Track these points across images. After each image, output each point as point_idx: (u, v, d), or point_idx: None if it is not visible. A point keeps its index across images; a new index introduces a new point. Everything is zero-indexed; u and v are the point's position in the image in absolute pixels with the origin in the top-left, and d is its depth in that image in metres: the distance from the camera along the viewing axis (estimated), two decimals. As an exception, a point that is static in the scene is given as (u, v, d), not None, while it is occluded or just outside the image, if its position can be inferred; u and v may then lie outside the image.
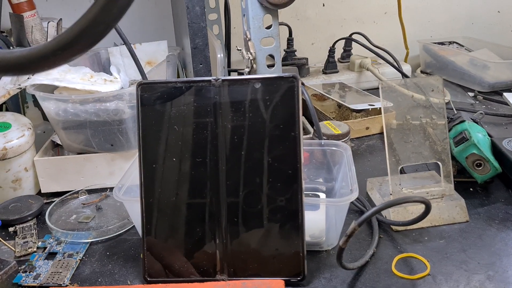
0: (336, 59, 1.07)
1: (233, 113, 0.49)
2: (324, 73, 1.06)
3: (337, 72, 1.06)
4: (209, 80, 0.50)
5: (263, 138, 0.49)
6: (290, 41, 1.06)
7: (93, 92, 0.63)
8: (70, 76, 0.66)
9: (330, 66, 1.05)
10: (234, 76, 0.69)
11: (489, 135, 0.67)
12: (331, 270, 0.51)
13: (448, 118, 0.66)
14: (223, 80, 0.50)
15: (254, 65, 0.61)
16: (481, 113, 0.74)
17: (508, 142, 0.64)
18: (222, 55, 0.72)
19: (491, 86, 1.00)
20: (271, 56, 0.74)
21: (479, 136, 0.63)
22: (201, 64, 0.61)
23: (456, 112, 0.76)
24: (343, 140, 0.69)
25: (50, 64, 0.36)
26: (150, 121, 0.50)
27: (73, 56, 0.37)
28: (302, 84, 0.66)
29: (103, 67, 0.82)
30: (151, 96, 0.50)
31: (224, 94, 0.49)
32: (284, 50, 1.06)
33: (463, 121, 0.66)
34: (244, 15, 0.66)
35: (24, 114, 0.72)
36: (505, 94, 0.96)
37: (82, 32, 0.32)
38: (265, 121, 0.49)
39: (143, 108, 0.50)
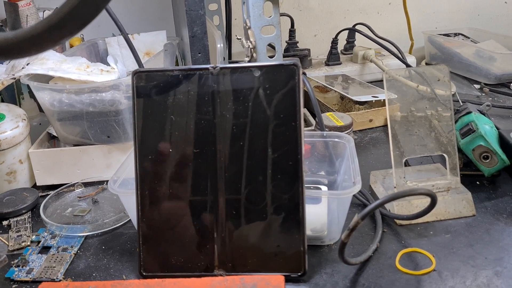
0: (339, 51, 1.05)
1: (232, 102, 0.48)
2: (327, 65, 1.04)
3: (340, 64, 1.04)
4: (207, 68, 0.48)
5: (263, 128, 0.47)
6: (292, 32, 1.04)
7: (89, 82, 0.61)
8: (66, 66, 0.64)
9: (332, 58, 1.03)
10: (233, 63, 0.68)
11: (496, 127, 0.65)
12: (332, 265, 0.49)
13: (454, 109, 0.64)
14: (222, 68, 0.48)
15: (254, 54, 0.59)
16: (488, 105, 0.72)
17: (516, 134, 0.62)
18: (221, 45, 0.70)
19: (498, 78, 0.98)
20: (272, 47, 0.72)
21: (486, 127, 0.61)
22: (199, 53, 0.59)
23: (462, 104, 0.74)
24: (346, 132, 0.67)
25: (38, 47, 0.35)
26: (146, 110, 0.48)
27: (62, 38, 0.35)
28: (304, 74, 0.64)
29: (101, 58, 0.80)
30: (147, 85, 0.49)
31: (222, 82, 0.48)
32: (286, 42, 1.04)
33: (469, 113, 0.64)
34: (244, 2, 0.64)
35: (20, 106, 0.71)
36: (512, 85, 0.94)
37: (71, 12, 0.30)
38: (265, 110, 0.47)
39: (138, 97, 0.48)
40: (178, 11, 0.75)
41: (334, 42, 1.03)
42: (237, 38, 0.61)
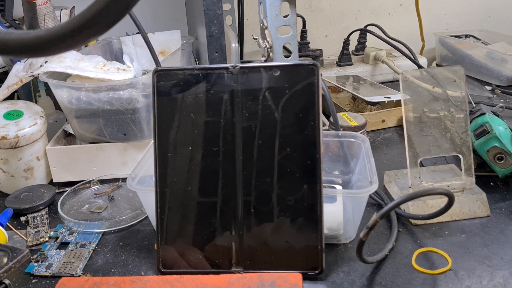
0: (350, 52, 1.06)
1: (250, 101, 0.48)
2: (338, 65, 1.04)
3: (351, 64, 1.04)
4: (227, 67, 0.48)
5: (281, 128, 0.47)
6: (303, 32, 1.04)
7: (106, 80, 0.62)
8: (83, 64, 0.65)
9: (344, 59, 1.04)
10: (253, 63, 0.68)
11: (510, 129, 0.65)
12: (349, 263, 0.49)
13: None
14: (241, 68, 0.48)
15: (271, 54, 0.60)
16: (501, 106, 0.72)
17: (530, 136, 0.62)
18: (236, 44, 0.70)
19: (510, 79, 0.98)
20: (285, 48, 0.72)
21: (501, 129, 0.61)
22: (216, 53, 0.59)
23: (475, 105, 0.74)
24: (360, 132, 0.68)
25: (68, 45, 0.35)
26: (166, 108, 0.49)
27: (91, 37, 0.35)
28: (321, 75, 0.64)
29: (115, 56, 0.81)
30: (167, 84, 0.49)
31: (241, 81, 0.48)
32: (298, 42, 1.05)
33: (483, 114, 0.64)
34: (260, 3, 0.64)
35: (36, 103, 0.71)
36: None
37: (102, 11, 0.31)
38: (284, 109, 0.47)
39: (159, 96, 0.49)
40: (193, 11, 0.75)
41: (346, 42, 1.04)
42: (253, 38, 0.62)
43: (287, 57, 0.66)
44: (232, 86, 0.48)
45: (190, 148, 0.49)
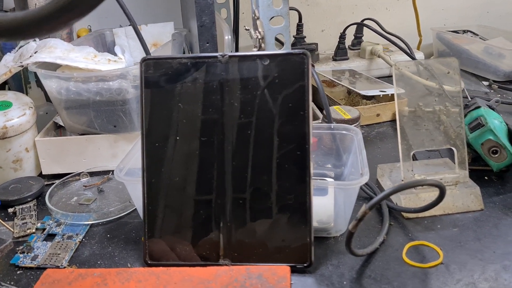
0: (346, 46, 1.05)
1: (240, 90, 0.47)
2: (334, 59, 1.03)
3: (347, 59, 1.03)
4: (216, 56, 0.48)
5: (271, 117, 0.47)
6: (299, 27, 1.03)
7: (96, 71, 0.61)
8: (73, 55, 0.64)
9: (340, 53, 1.03)
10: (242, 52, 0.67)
11: (506, 123, 0.64)
12: (338, 256, 0.49)
13: (463, 104, 0.63)
14: (230, 56, 0.47)
15: (263, 45, 0.59)
16: (497, 100, 0.71)
17: (525, 130, 0.61)
18: (229, 37, 0.69)
19: (507, 75, 0.97)
20: (279, 42, 0.71)
21: (496, 122, 0.61)
22: (207, 43, 0.58)
23: (470, 99, 0.73)
24: (353, 125, 0.67)
25: (49, 27, 0.34)
26: (154, 98, 0.48)
27: (71, 20, 0.34)
28: (312, 66, 0.63)
29: (108, 48, 0.80)
30: (155, 73, 0.48)
31: (231, 70, 0.47)
32: (294, 36, 1.04)
33: (478, 107, 0.63)
34: (252, -7, 0.63)
35: (27, 95, 0.71)
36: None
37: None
38: (273, 99, 0.47)
39: (146, 85, 0.48)
40: (186, 2, 0.74)
41: (342, 37, 1.03)
42: (245, 29, 0.61)
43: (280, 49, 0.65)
44: (221, 75, 0.48)
45: (178, 138, 0.48)
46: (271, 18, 0.60)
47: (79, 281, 0.45)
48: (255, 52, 0.47)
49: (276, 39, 0.65)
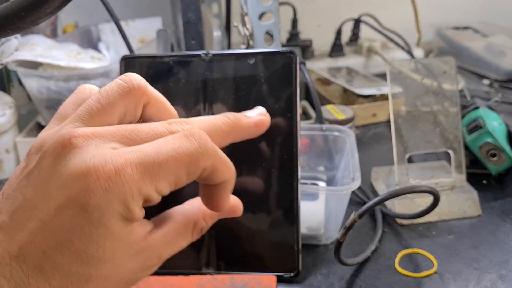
0: (343, 42, 1.02)
1: (224, 91, 0.45)
2: (330, 56, 1.00)
3: (344, 55, 1.00)
4: (199, 55, 0.45)
5: (256, 119, 0.44)
6: (294, 22, 1.00)
7: (78, 69, 0.59)
8: (55, 53, 0.62)
9: (336, 49, 1.00)
10: (226, 50, 0.65)
11: (506, 124, 0.62)
12: (329, 266, 0.46)
13: (461, 104, 0.61)
14: (214, 55, 0.45)
15: (251, 42, 0.57)
16: (496, 101, 0.69)
17: (526, 132, 0.59)
18: (219, 33, 0.67)
19: (508, 73, 0.94)
20: (271, 36, 0.69)
21: (495, 124, 0.58)
22: (193, 40, 0.56)
23: (469, 99, 0.71)
24: (347, 126, 0.64)
25: (13, 27, 0.32)
26: (133, 98, 0.46)
27: (40, 19, 0.33)
28: (303, 63, 0.61)
29: (94, 45, 0.77)
30: (136, 72, 0.46)
31: (214, 70, 0.45)
32: (288, 32, 1.01)
33: (477, 108, 0.61)
34: (241, -13, 0.61)
35: (9, 94, 0.68)
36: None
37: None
38: (259, 100, 0.44)
39: (125, 85, 0.46)
40: (175, -3, 0.72)
41: (338, 32, 1.00)
42: (234, 26, 0.59)
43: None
44: (204, 74, 0.45)
45: (159, 140, 0.46)
46: (261, 15, 0.58)
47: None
48: (240, 50, 0.45)
49: (268, 34, 0.62)
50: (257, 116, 0.34)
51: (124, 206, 0.25)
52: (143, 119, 0.30)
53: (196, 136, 0.27)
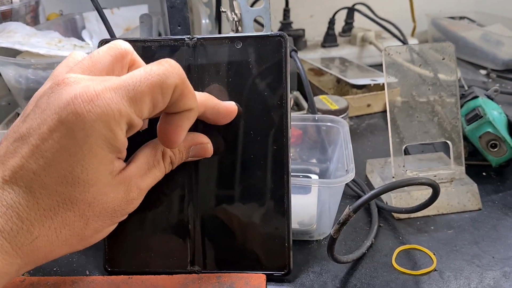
0: (336, 32, 0.99)
1: (210, 77, 0.42)
2: (323, 46, 0.98)
3: (337, 45, 0.98)
4: (183, 39, 0.42)
5: (244, 107, 0.41)
6: (286, 12, 0.97)
7: (58, 57, 0.56)
8: (35, 40, 0.59)
9: (329, 39, 0.97)
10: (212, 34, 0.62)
11: (505, 114, 0.59)
12: (321, 263, 0.44)
13: (459, 94, 0.58)
14: (199, 39, 0.42)
15: (239, 28, 0.54)
16: (495, 90, 0.66)
17: (527, 121, 0.56)
18: (207, 21, 0.64)
19: (505, 63, 0.92)
20: (262, 25, 0.66)
21: (495, 113, 0.56)
22: (179, 26, 0.53)
23: (467, 89, 0.69)
24: (340, 116, 0.62)
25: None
26: (113, 86, 0.43)
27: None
28: (295, 51, 0.58)
29: (78, 34, 0.74)
30: (115, 58, 0.43)
31: (200, 55, 0.42)
32: (280, 22, 0.98)
33: (476, 97, 0.58)
34: (229, -29, 0.58)
35: (-12, 84, 0.65)
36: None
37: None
38: (247, 87, 0.41)
39: (104, 71, 0.43)
40: (161, -17, 0.69)
41: (331, 22, 0.97)
42: (222, 11, 0.56)
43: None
44: (188, 60, 0.42)
45: (140, 131, 0.43)
46: (252, 4, 0.55)
47: (28, 293, 0.40)
48: (226, 34, 0.42)
49: (257, 22, 0.59)
50: (227, 103, 0.39)
51: (107, 128, 0.28)
52: None
53: (167, 61, 0.32)
